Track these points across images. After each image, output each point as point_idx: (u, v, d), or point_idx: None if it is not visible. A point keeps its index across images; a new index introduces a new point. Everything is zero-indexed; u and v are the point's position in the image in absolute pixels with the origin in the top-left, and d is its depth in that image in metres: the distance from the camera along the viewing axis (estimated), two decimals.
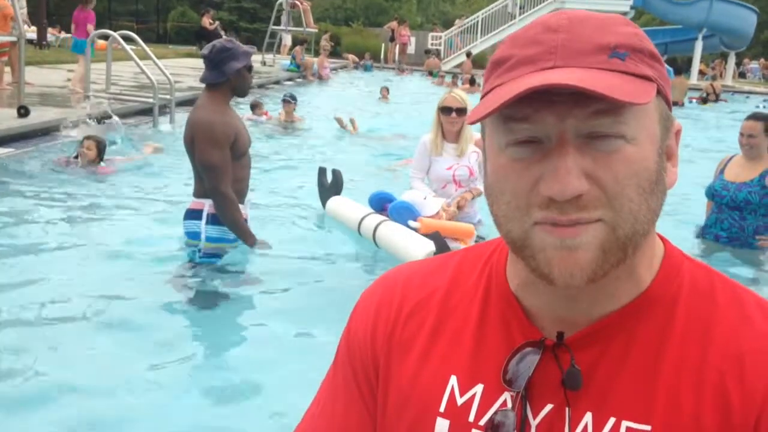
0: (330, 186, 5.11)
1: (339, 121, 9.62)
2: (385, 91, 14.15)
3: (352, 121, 9.63)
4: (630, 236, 0.65)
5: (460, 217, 4.34)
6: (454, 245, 3.91)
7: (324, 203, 5.06)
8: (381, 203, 4.57)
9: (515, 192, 0.66)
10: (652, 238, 0.71)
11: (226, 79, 3.53)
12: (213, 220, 3.65)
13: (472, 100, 12.55)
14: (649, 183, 0.66)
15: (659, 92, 0.67)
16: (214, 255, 3.76)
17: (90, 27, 10.59)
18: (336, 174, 5.11)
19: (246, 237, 3.75)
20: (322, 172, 5.20)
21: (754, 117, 4.43)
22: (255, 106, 9.73)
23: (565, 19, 0.67)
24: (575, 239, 0.64)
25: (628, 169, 0.64)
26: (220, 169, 3.51)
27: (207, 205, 3.63)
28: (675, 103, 15.04)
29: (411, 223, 4.20)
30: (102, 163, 6.24)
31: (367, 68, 23.06)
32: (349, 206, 4.81)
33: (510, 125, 0.66)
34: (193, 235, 3.72)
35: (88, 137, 6.35)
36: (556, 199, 0.63)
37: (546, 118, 0.64)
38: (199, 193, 3.68)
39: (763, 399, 0.65)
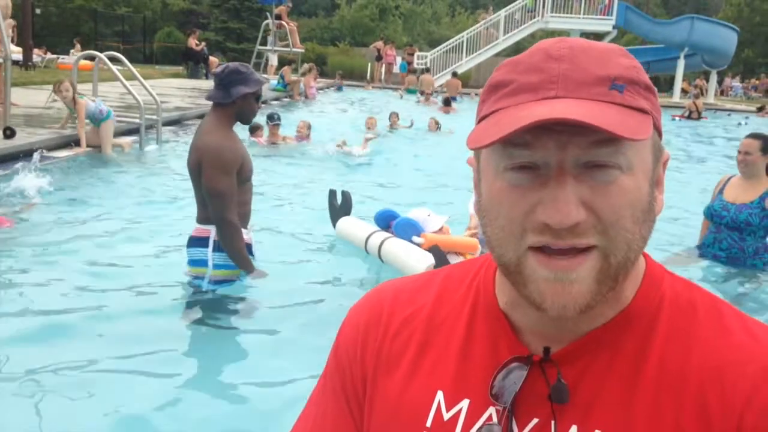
0: (340, 207, 5.11)
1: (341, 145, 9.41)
2: (395, 117, 12.81)
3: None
4: (622, 264, 0.67)
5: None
6: (457, 259, 3.93)
7: (334, 224, 5.06)
8: (386, 221, 4.64)
9: (510, 218, 0.67)
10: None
11: (231, 101, 3.44)
12: (219, 247, 3.55)
13: (444, 121, 12.43)
14: (642, 212, 0.67)
15: (653, 124, 0.68)
16: (223, 281, 3.65)
17: None
18: (345, 195, 5.12)
19: (247, 267, 3.64)
20: (332, 194, 5.20)
21: (753, 135, 4.47)
22: (254, 129, 9.54)
23: (567, 48, 0.68)
24: (570, 273, 0.65)
25: (623, 199, 0.65)
26: (226, 196, 3.41)
27: (213, 232, 3.54)
28: None
29: (415, 238, 4.27)
30: None
31: (339, 89, 21.77)
32: (356, 225, 4.86)
33: (509, 150, 0.66)
34: (198, 263, 3.61)
35: None
36: (553, 227, 0.64)
37: (547, 145, 0.64)
38: (203, 220, 3.58)
39: (743, 407, 0.66)
